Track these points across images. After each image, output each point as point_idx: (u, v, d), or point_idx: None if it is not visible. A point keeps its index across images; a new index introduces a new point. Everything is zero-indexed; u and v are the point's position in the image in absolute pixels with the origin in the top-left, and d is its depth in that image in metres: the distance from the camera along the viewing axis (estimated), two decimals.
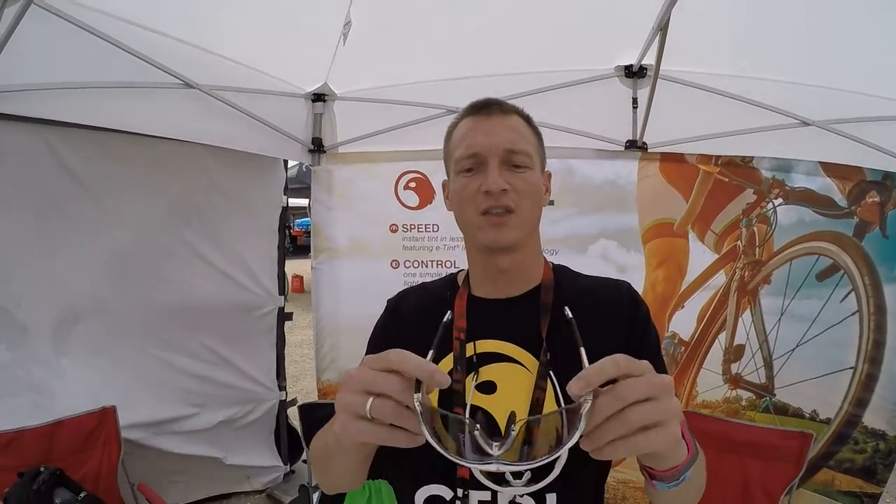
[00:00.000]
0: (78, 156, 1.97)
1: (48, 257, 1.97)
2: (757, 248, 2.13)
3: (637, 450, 0.43)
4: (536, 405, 0.69)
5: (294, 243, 12.89)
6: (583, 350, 0.49)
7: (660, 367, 0.45)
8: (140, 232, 2.17)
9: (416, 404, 0.45)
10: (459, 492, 0.72)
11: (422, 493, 0.77)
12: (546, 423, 0.47)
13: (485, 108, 0.72)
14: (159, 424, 2.27)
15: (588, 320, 0.73)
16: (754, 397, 2.21)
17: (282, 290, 2.54)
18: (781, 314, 2.15)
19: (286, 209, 2.47)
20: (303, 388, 4.18)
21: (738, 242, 2.13)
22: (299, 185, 3.85)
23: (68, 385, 2.03)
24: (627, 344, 0.72)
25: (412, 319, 0.79)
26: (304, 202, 3.33)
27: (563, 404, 0.70)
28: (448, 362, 0.73)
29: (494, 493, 0.72)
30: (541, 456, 0.45)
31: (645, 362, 0.44)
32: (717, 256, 2.14)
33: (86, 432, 1.87)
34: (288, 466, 2.73)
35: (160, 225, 2.21)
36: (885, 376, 2.06)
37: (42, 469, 1.64)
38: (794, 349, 2.16)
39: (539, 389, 0.70)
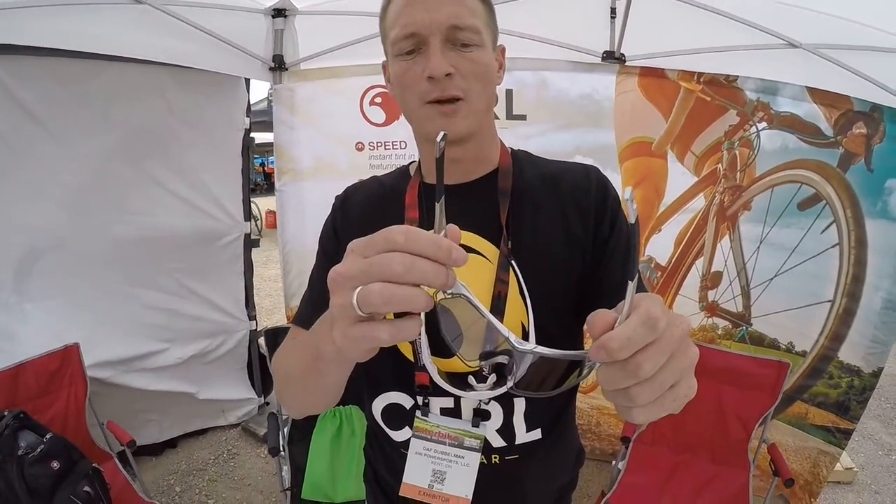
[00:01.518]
0: (26, 85, 1.85)
1: (0, 196, 1.87)
2: (738, 173, 2.07)
3: (639, 420, 0.36)
4: (499, 299, 0.63)
5: (268, 181, 12.58)
6: (628, 296, 0.33)
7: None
8: (97, 163, 2.05)
9: (462, 290, 0.37)
10: (419, 399, 0.68)
11: (379, 402, 0.72)
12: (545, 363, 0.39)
13: None
14: (128, 362, 2.22)
15: (553, 207, 0.67)
16: (730, 326, 2.18)
17: (247, 216, 2.46)
18: (761, 242, 2.10)
19: (249, 132, 2.36)
20: (277, 321, 4.16)
21: (719, 165, 2.06)
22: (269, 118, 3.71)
23: (31, 328, 1.97)
24: (596, 233, 0.66)
25: (362, 212, 0.72)
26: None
27: (527, 298, 0.64)
28: None
29: (457, 400, 0.68)
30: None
31: (661, 308, 0.33)
32: (696, 179, 2.07)
33: (49, 373, 1.81)
34: (262, 398, 2.72)
35: (118, 154, 2.10)
36: (862, 312, 2.02)
37: (5, 413, 1.58)
38: (772, 278, 2.11)
39: (501, 282, 0.63)
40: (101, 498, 1.61)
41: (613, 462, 1.88)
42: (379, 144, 2.11)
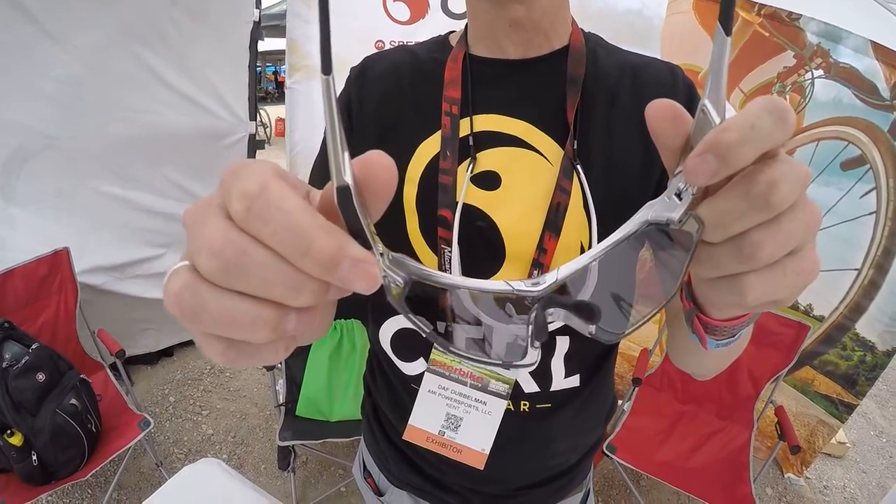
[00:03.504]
0: None
1: None
2: None
3: (750, 298, 0.24)
4: (556, 213, 0.50)
5: (279, 90, 12.19)
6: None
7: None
8: (92, 57, 1.89)
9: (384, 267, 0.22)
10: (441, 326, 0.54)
11: (389, 326, 0.60)
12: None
13: None
14: (122, 268, 2.14)
15: (631, 104, 0.52)
16: None
17: (253, 116, 2.30)
18: None
19: (258, 24, 2.18)
20: None
21: None
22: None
23: (20, 234, 1.87)
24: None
25: (385, 90, 0.56)
26: None
27: (592, 213, 0.50)
28: (433, 145, 0.52)
29: None
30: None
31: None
32: None
33: (38, 279, 1.72)
34: None
35: (115, 47, 1.93)
36: (887, 287, 1.92)
37: None
38: None
39: (561, 191, 0.50)
40: (88, 410, 1.55)
41: (619, 402, 1.82)
42: (400, 44, 1.94)
